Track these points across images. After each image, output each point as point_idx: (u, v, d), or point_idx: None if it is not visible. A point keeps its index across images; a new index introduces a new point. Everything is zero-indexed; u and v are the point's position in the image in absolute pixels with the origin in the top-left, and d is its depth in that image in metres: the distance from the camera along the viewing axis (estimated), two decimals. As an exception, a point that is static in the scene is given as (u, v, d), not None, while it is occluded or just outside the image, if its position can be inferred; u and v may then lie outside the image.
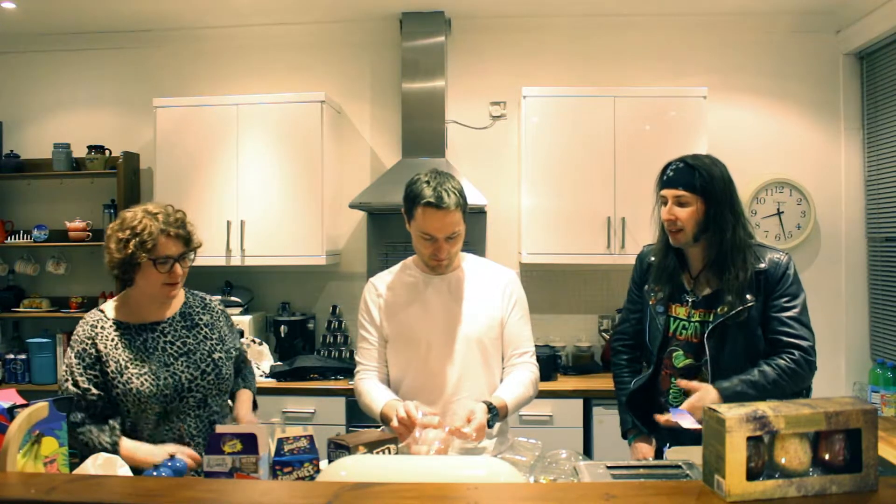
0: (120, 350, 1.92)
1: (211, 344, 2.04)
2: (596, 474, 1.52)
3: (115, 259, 1.90)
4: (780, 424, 1.17)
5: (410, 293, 2.12)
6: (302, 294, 4.12)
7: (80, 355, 1.91)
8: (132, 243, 1.86)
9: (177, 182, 3.78)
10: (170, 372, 1.94)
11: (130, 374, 1.90)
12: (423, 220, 1.98)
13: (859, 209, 3.90)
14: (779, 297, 2.01)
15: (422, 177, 2.01)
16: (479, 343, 2.08)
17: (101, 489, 1.31)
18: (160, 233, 1.89)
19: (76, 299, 4.10)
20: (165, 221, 1.92)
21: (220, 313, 2.14)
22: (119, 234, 1.89)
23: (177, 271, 1.94)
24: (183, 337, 2.01)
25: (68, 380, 1.91)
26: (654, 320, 2.14)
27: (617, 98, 3.63)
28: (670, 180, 2.05)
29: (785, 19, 3.93)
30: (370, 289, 2.18)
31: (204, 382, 1.98)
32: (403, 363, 2.11)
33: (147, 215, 1.91)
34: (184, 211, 2.02)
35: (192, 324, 2.05)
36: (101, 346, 1.91)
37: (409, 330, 2.09)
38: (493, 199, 3.91)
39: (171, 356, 1.96)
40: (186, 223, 1.99)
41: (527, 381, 2.10)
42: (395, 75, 4.02)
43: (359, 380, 2.16)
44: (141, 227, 1.88)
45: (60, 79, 4.27)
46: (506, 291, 2.15)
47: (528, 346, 2.19)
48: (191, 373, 1.97)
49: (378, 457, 1.62)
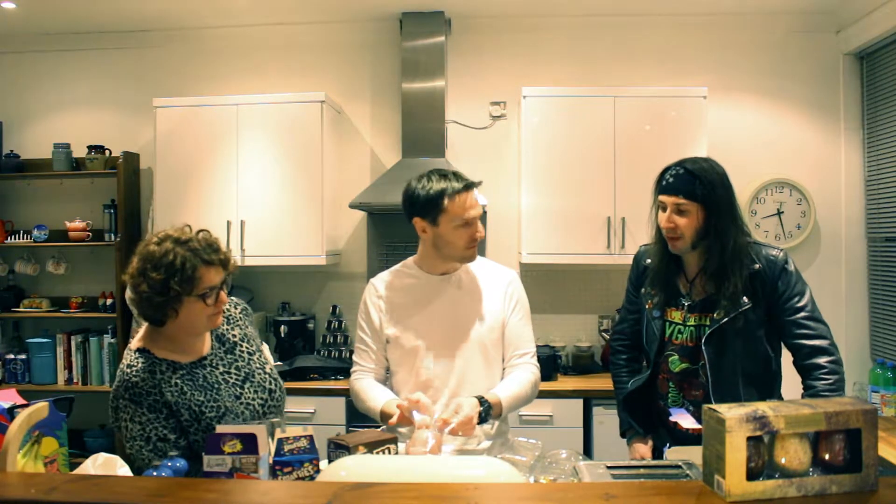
0: (188, 394, 1.71)
1: (258, 358, 1.90)
2: (596, 474, 1.52)
3: (156, 302, 1.66)
4: (780, 424, 1.17)
5: (412, 294, 2.11)
6: (302, 294, 4.12)
7: (153, 408, 1.67)
8: (174, 282, 1.64)
9: (177, 182, 3.78)
10: (243, 404, 1.80)
11: (209, 420, 1.70)
12: (458, 207, 1.98)
13: (859, 209, 3.90)
14: (787, 299, 1.98)
15: (425, 180, 2.01)
16: (480, 345, 2.08)
17: (101, 489, 1.31)
18: (201, 263, 1.68)
19: (76, 299, 4.10)
20: (202, 249, 1.70)
21: (240, 318, 1.96)
22: (154, 275, 1.64)
23: (222, 299, 1.75)
24: (232, 362, 1.85)
25: (148, 437, 1.64)
26: (650, 324, 2.13)
27: (617, 98, 3.63)
28: (670, 186, 2.00)
29: (785, 19, 3.93)
30: (370, 290, 2.17)
31: (273, 401, 1.86)
32: (404, 364, 2.10)
33: (179, 245, 1.68)
34: (207, 230, 1.80)
35: (231, 345, 1.88)
36: (169, 396, 1.69)
37: (410, 331, 2.08)
38: (493, 199, 3.91)
39: (236, 386, 1.81)
40: (219, 244, 1.77)
41: (524, 381, 2.09)
42: (395, 75, 4.02)
43: (355, 380, 2.16)
44: (179, 263, 1.65)
45: (60, 79, 4.27)
46: (507, 292, 2.14)
47: (530, 346, 2.18)
48: (260, 396, 1.83)
49: (378, 457, 1.62)
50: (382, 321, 2.12)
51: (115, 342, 3.93)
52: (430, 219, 2.01)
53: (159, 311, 1.68)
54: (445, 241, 2.02)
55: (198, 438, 1.70)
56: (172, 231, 1.74)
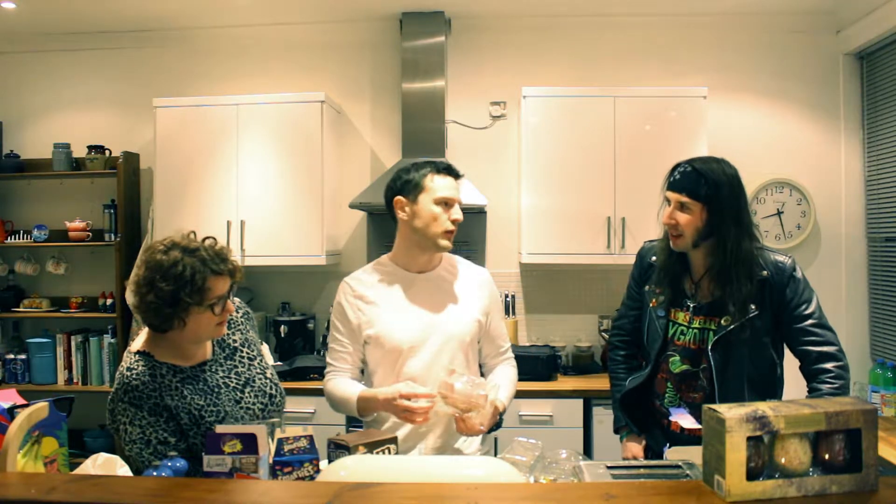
0: (188, 398, 1.71)
1: (258, 363, 1.90)
2: (596, 474, 1.52)
3: (163, 312, 1.63)
4: (780, 424, 1.17)
5: (390, 293, 2.09)
6: (302, 294, 4.12)
7: (153, 411, 1.66)
8: (184, 293, 1.62)
9: (177, 182, 3.78)
10: (243, 408, 1.79)
11: (209, 424, 1.69)
12: (438, 186, 2.01)
13: (859, 209, 3.90)
14: (796, 307, 1.97)
15: (409, 165, 2.08)
16: (460, 343, 2.07)
17: (101, 489, 1.31)
18: (211, 274, 1.66)
19: (76, 299, 4.10)
20: (211, 259, 1.68)
21: (241, 322, 1.94)
22: (163, 286, 1.62)
23: (229, 308, 1.75)
24: (233, 367, 1.84)
25: (149, 440, 1.64)
26: (653, 323, 2.12)
27: (617, 98, 3.63)
28: (676, 183, 2.01)
29: (785, 19, 3.92)
30: (345, 289, 2.12)
31: (273, 405, 1.86)
32: (384, 364, 2.07)
33: (187, 255, 1.65)
34: (213, 237, 1.78)
35: (231, 350, 1.87)
36: (169, 400, 1.68)
37: (388, 330, 2.05)
38: (493, 199, 3.91)
39: (236, 390, 1.81)
40: (226, 252, 1.75)
41: (513, 380, 2.20)
42: (395, 75, 4.02)
43: (328, 380, 2.12)
44: (189, 274, 1.63)
45: (60, 79, 4.27)
46: (484, 290, 2.16)
47: (508, 342, 2.27)
48: (260, 401, 1.83)
49: (378, 457, 1.62)
50: (361, 321, 2.07)
51: (115, 342, 3.93)
52: (410, 196, 2.03)
53: (166, 321, 1.66)
54: (423, 221, 2.01)
55: (197, 441, 1.69)
56: (179, 238, 1.71)
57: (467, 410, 1.87)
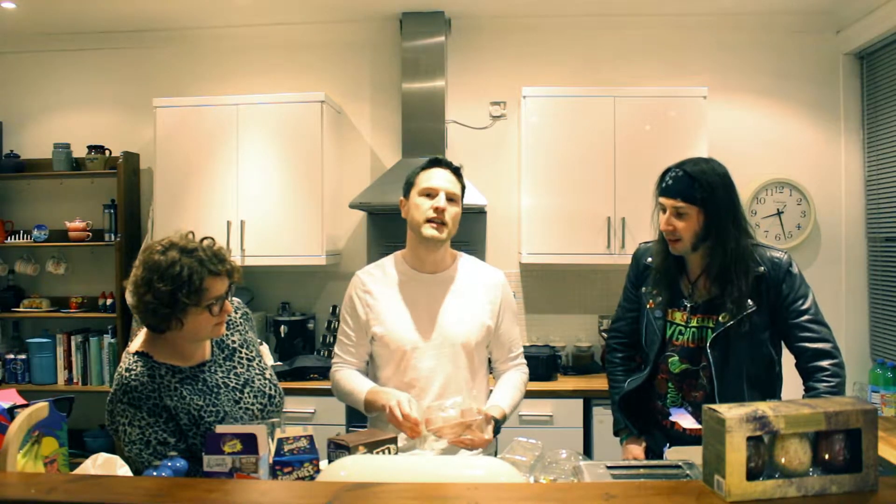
0: (188, 399, 1.70)
1: (257, 364, 1.90)
2: (596, 474, 1.52)
3: (161, 312, 1.63)
4: (780, 424, 1.17)
5: (400, 292, 2.09)
6: (302, 294, 4.12)
7: (152, 412, 1.66)
8: (182, 294, 1.61)
9: (177, 182, 3.78)
10: (242, 409, 1.79)
11: (208, 425, 1.69)
12: (424, 179, 2.04)
13: (859, 209, 3.90)
14: (792, 302, 1.98)
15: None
16: (466, 346, 2.07)
17: (101, 489, 1.31)
18: (208, 275, 1.65)
19: (76, 299, 4.10)
20: (209, 259, 1.67)
21: (240, 323, 1.94)
22: (160, 286, 1.61)
23: (227, 308, 1.74)
24: (231, 368, 1.84)
25: (148, 441, 1.63)
26: (651, 324, 2.12)
27: (617, 98, 3.63)
28: (669, 189, 1.99)
29: (785, 19, 3.92)
30: (356, 283, 2.14)
31: (273, 406, 1.86)
32: (390, 363, 2.08)
33: (185, 255, 1.64)
34: (212, 237, 1.76)
35: (230, 351, 1.87)
36: (168, 400, 1.68)
37: (396, 331, 2.05)
38: (492, 199, 3.90)
39: (235, 391, 1.80)
40: (224, 253, 1.74)
41: (521, 386, 2.18)
42: (395, 75, 4.02)
43: (335, 371, 2.14)
44: (187, 274, 1.62)
45: (60, 79, 4.27)
46: (496, 294, 2.14)
47: (520, 347, 2.25)
48: (260, 402, 1.83)
49: (378, 457, 1.62)
50: (368, 317, 2.08)
51: (115, 342, 3.93)
52: (407, 195, 2.08)
53: (164, 321, 1.65)
54: (412, 214, 2.05)
55: (196, 442, 1.69)
56: (177, 238, 1.70)
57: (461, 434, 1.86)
